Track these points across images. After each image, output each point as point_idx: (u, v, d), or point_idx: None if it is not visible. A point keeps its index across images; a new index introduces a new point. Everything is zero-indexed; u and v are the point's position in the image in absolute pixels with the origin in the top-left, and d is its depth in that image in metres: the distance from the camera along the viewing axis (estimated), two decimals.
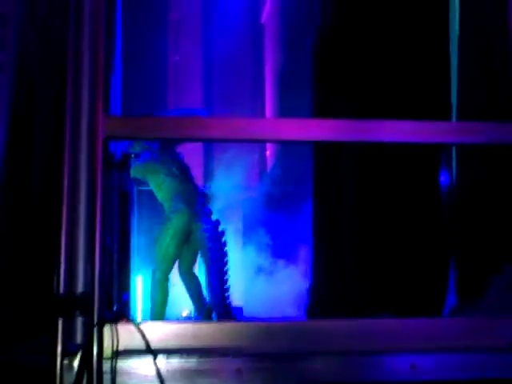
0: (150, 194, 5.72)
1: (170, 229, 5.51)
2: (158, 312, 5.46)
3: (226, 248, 5.58)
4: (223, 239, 5.58)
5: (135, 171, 5.39)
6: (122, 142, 4.04)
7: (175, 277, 5.66)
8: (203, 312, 5.55)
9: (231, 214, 6.31)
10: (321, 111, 4.13)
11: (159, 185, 5.63)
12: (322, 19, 4.12)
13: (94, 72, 2.95)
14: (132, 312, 4.90)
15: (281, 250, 6.28)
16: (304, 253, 5.68)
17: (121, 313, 3.02)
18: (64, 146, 2.91)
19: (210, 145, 6.69)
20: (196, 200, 5.59)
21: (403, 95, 3.80)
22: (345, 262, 3.80)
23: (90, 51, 3.01)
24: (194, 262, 5.74)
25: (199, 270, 5.93)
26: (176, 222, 5.51)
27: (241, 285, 6.06)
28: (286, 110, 6.59)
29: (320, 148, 4.07)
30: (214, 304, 5.47)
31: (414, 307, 3.51)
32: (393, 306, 3.52)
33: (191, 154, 6.32)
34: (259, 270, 6.28)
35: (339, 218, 3.87)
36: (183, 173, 5.66)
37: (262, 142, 5.50)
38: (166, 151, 5.64)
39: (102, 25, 3.05)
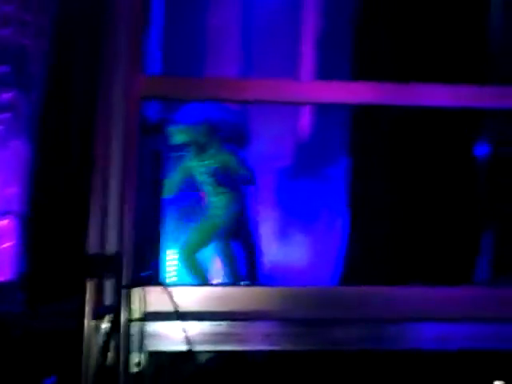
0: None
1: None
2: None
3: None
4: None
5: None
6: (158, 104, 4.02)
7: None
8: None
9: (263, 183, 6.27)
10: (359, 76, 4.06)
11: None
12: None
13: (132, 30, 2.93)
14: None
15: (313, 219, 6.23)
16: (337, 222, 5.64)
17: (150, 276, 3.03)
18: (98, 104, 2.91)
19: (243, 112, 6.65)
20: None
21: (442, 61, 3.71)
22: (378, 231, 3.75)
23: (128, 11, 2.99)
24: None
25: None
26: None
27: (271, 254, 6.04)
28: (323, 75, 6.49)
29: (357, 117, 4.00)
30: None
31: (446, 277, 3.46)
32: (424, 275, 3.47)
33: None
34: (291, 238, 6.26)
35: (374, 187, 3.81)
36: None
37: (301, 104, 5.42)
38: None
39: None
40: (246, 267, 5.45)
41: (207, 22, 6.99)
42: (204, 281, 5.46)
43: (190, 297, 2.83)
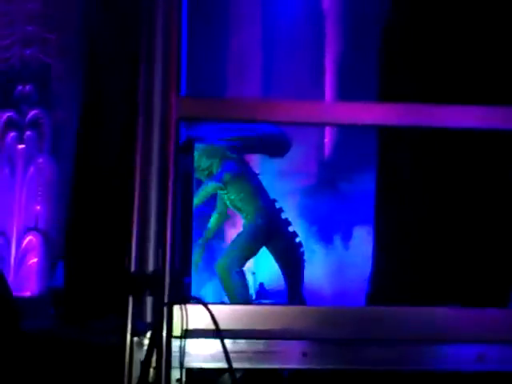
0: None
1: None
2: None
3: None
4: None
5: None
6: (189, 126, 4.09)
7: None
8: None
9: (289, 201, 6.33)
10: (385, 98, 4.12)
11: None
12: (391, 5, 4.09)
13: (168, 52, 3.00)
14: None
15: (339, 237, 6.27)
16: (363, 240, 5.68)
17: (189, 294, 3.08)
18: (137, 127, 2.97)
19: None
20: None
21: (472, 83, 3.76)
22: (409, 251, 3.79)
23: (163, 32, 3.05)
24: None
25: None
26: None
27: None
28: (346, 98, 6.57)
29: (384, 135, 4.06)
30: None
31: (479, 299, 3.49)
32: (457, 296, 3.51)
33: None
34: (318, 258, 6.30)
35: (403, 205, 3.86)
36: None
37: (327, 125, 5.48)
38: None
39: (176, 5, 3.10)
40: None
41: (229, 42, 7.09)
42: (244, 298, 5.49)
43: (229, 315, 2.87)
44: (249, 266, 6.36)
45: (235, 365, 2.79)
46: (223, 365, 2.78)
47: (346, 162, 6.37)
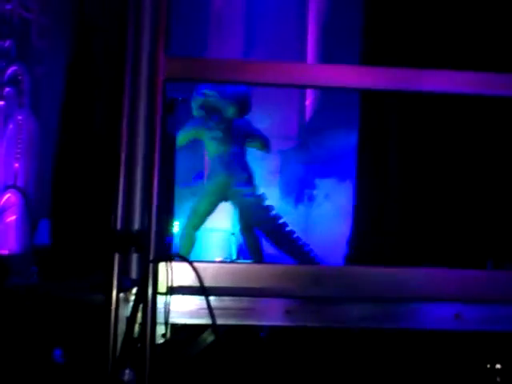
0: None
1: (206, 187, 5.73)
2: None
3: (275, 212, 5.72)
4: (271, 210, 5.71)
5: (182, 135, 5.54)
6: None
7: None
8: None
9: (269, 164, 6.37)
10: (369, 61, 4.12)
11: (206, 146, 5.82)
12: None
13: (157, 11, 2.98)
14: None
15: (319, 202, 6.33)
16: (342, 204, 5.74)
17: (171, 250, 3.11)
18: (124, 86, 2.96)
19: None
20: (236, 165, 5.70)
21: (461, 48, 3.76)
22: (387, 212, 3.84)
23: None
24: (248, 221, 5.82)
25: None
26: (212, 182, 5.71)
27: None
28: (328, 60, 6.57)
29: (367, 98, 4.08)
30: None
31: (459, 261, 3.56)
32: (438, 258, 3.58)
33: None
34: (304, 224, 6.36)
35: (383, 168, 3.90)
36: (228, 136, 5.75)
37: (310, 87, 5.50)
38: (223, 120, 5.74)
39: None
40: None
41: (212, 4, 7.03)
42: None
43: (213, 272, 2.91)
44: (228, 226, 6.43)
45: (219, 321, 2.85)
46: (207, 321, 2.84)
47: (327, 123, 6.40)
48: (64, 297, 3.01)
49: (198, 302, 2.86)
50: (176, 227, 6.29)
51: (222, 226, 6.38)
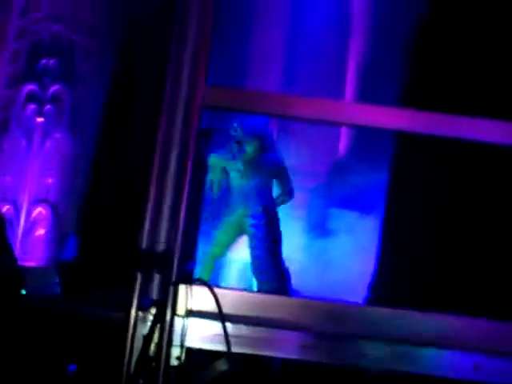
0: None
1: (226, 218, 5.78)
2: None
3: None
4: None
5: (212, 165, 5.61)
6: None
7: None
8: None
9: (296, 199, 6.39)
10: (407, 103, 4.14)
11: (229, 178, 5.89)
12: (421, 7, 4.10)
13: (200, 39, 3.05)
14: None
15: (347, 242, 6.31)
16: (372, 246, 5.71)
17: (193, 274, 3.13)
18: (162, 111, 3.02)
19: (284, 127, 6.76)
20: (255, 198, 5.74)
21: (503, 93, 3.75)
22: (417, 252, 3.81)
23: (197, 17, 3.10)
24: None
25: None
26: (230, 214, 5.77)
27: (308, 274, 6.13)
28: (366, 100, 6.60)
29: (401, 142, 4.10)
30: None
31: (481, 310, 3.51)
32: (460, 304, 3.53)
33: None
34: (325, 259, 6.34)
35: (413, 215, 3.89)
36: (251, 168, 5.82)
37: (345, 125, 5.52)
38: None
39: None
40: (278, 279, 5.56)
41: (253, 44, 7.12)
42: None
43: (234, 299, 2.92)
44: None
45: (234, 349, 2.85)
46: (222, 348, 2.84)
47: (360, 164, 6.41)
48: (82, 311, 3.04)
49: (214, 327, 2.87)
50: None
51: (243, 256, 6.39)
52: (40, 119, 6.49)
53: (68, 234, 4.61)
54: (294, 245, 5.94)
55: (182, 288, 2.87)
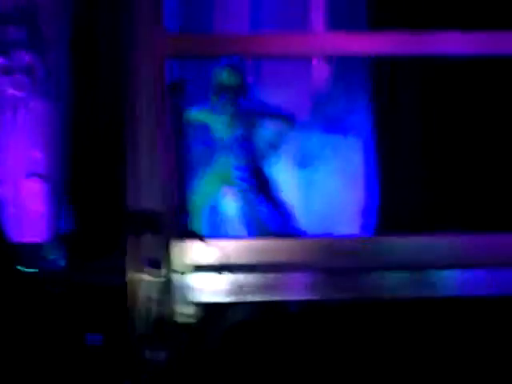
0: None
1: (208, 169, 5.72)
2: None
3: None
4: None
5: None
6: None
7: None
8: None
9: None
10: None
11: (212, 131, 5.79)
12: None
13: None
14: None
15: (340, 170, 6.22)
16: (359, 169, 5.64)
17: (188, 229, 3.04)
18: (124, 65, 2.89)
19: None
20: (237, 150, 5.66)
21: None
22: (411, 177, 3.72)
23: None
24: None
25: None
26: (213, 164, 5.70)
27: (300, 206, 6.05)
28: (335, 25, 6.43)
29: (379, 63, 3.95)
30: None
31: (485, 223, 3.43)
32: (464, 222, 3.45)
33: None
34: (318, 190, 6.26)
35: (406, 132, 3.79)
36: (235, 119, 5.71)
37: (315, 56, 5.37)
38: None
39: None
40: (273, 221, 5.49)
41: None
42: None
43: (230, 249, 2.83)
44: None
45: (239, 299, 2.77)
46: (227, 299, 2.76)
47: (340, 94, 6.28)
48: (80, 281, 2.97)
49: (215, 279, 2.79)
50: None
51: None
52: (13, 90, 6.31)
53: (62, 205, 4.53)
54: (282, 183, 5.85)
55: (177, 244, 2.78)
